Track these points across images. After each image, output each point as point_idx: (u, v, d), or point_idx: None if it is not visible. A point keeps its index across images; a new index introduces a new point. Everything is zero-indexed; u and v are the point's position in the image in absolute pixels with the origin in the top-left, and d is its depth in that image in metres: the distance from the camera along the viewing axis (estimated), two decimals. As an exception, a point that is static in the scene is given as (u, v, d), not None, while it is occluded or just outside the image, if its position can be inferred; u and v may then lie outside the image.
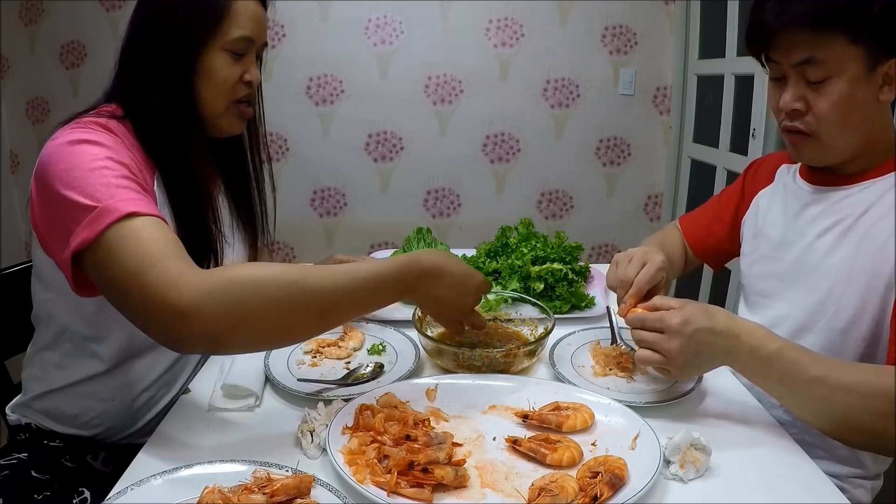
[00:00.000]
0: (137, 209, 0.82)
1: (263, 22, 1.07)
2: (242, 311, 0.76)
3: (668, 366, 0.89)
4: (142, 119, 0.99)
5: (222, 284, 0.75)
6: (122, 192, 0.84)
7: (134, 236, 0.79)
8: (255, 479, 0.73)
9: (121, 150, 0.91)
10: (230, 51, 1.02)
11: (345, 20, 2.85)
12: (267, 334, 0.81)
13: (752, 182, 1.27)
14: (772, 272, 1.14)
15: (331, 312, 0.84)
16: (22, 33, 2.86)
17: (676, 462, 0.79)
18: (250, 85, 1.07)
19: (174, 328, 0.75)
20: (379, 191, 3.03)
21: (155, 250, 0.78)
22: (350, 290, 0.84)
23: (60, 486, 1.00)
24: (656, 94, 2.97)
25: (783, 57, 0.97)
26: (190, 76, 1.01)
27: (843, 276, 1.00)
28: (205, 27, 0.99)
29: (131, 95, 1.01)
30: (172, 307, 0.74)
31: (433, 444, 0.80)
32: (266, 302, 0.77)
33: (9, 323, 1.22)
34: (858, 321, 0.99)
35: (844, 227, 1.02)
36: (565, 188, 3.07)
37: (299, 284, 0.79)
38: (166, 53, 0.99)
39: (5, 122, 2.95)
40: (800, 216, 1.10)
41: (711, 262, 1.40)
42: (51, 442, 1.06)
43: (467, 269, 0.96)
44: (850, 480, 1.06)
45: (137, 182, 0.89)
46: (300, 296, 0.80)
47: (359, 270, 0.85)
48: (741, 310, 1.24)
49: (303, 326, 0.83)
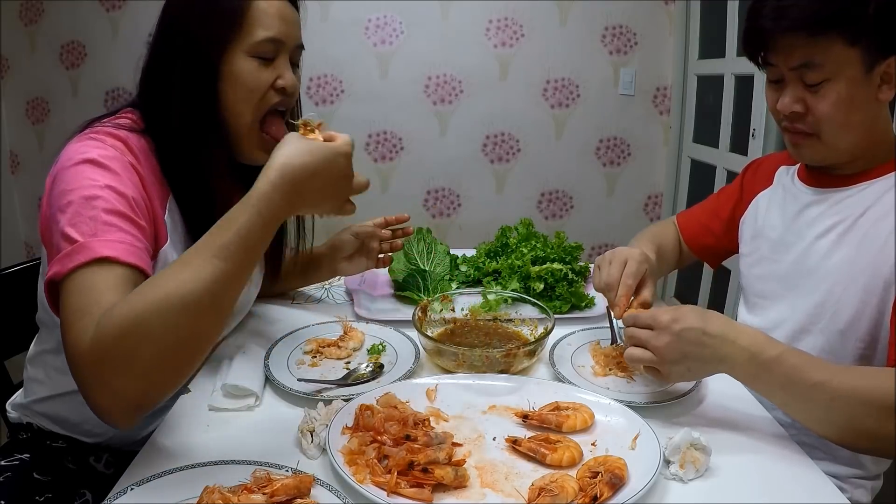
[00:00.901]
0: (114, 254, 0.78)
1: (294, 21, 0.99)
2: (129, 343, 0.70)
3: (657, 364, 0.89)
4: (161, 136, 0.93)
5: (110, 330, 0.70)
6: (107, 230, 0.80)
7: (91, 284, 0.76)
8: (255, 479, 0.73)
9: (127, 174, 0.86)
10: (256, 55, 0.94)
11: (345, 20, 2.85)
12: (171, 350, 0.73)
13: (751, 182, 1.27)
14: (771, 274, 1.14)
15: (223, 294, 0.75)
16: (22, 33, 2.86)
17: (676, 462, 0.79)
18: (284, 92, 0.97)
19: (84, 390, 0.73)
20: (379, 191, 3.03)
21: (89, 302, 0.74)
22: (228, 272, 0.74)
23: (62, 487, 1.00)
24: (656, 94, 2.97)
25: (781, 61, 0.97)
26: (213, 85, 0.93)
27: (842, 278, 1.00)
28: (224, 29, 0.92)
29: (151, 108, 0.95)
30: (78, 370, 0.73)
31: (433, 444, 0.80)
32: (152, 329, 0.70)
33: (9, 323, 1.22)
34: (858, 322, 0.99)
35: (843, 229, 1.02)
36: (565, 188, 3.07)
37: (178, 295, 0.71)
38: (185, 60, 0.92)
39: (5, 122, 2.95)
40: (799, 218, 1.10)
41: (707, 258, 1.40)
42: (53, 443, 1.04)
43: (322, 154, 0.82)
44: (850, 481, 1.06)
45: (133, 217, 0.84)
46: (184, 308, 0.71)
47: (225, 244, 0.74)
48: (741, 311, 1.24)
49: (206, 327, 0.76)
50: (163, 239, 0.93)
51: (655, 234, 1.36)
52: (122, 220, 0.82)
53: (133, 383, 0.72)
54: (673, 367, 0.88)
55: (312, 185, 0.81)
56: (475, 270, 1.45)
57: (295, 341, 1.13)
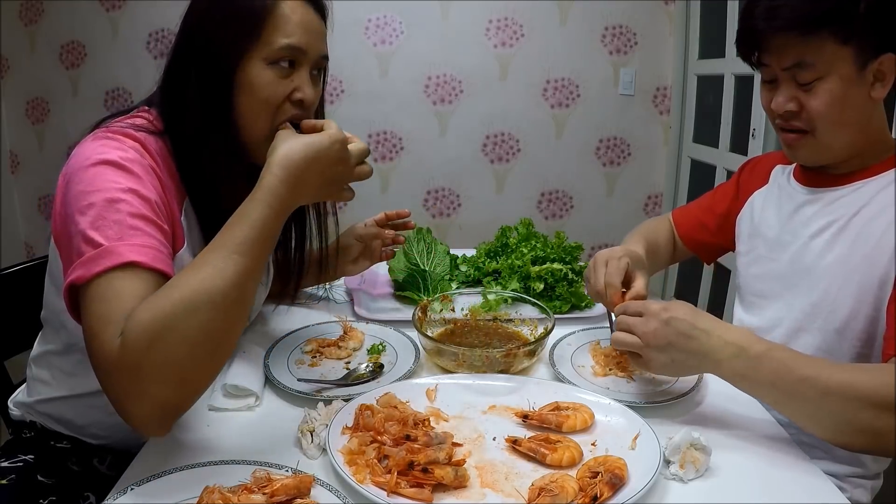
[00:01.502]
0: (141, 259, 0.77)
1: (318, 31, 0.95)
2: (163, 346, 0.70)
3: (640, 349, 0.89)
4: (178, 138, 0.92)
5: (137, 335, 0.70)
6: (133, 234, 0.79)
7: (117, 290, 0.75)
8: (255, 479, 0.73)
9: (149, 177, 0.85)
10: (275, 63, 0.90)
11: (345, 20, 2.81)
12: (205, 349, 0.74)
13: (747, 180, 1.27)
14: (768, 273, 1.14)
15: (245, 287, 0.77)
16: (22, 33, 2.86)
17: (676, 462, 0.79)
18: (301, 105, 0.93)
19: (118, 401, 0.73)
20: (379, 191, 3.03)
21: (116, 310, 0.73)
22: (248, 266, 0.77)
23: (66, 490, 0.99)
24: (656, 94, 2.97)
25: (774, 61, 0.98)
26: (228, 92, 0.90)
27: (837, 277, 1.00)
28: (242, 33, 0.89)
29: (170, 109, 0.93)
30: (109, 380, 0.73)
31: (433, 444, 0.80)
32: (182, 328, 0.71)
33: (9, 323, 1.22)
34: (854, 321, 0.99)
35: (838, 228, 1.02)
36: (565, 188, 3.07)
37: (205, 292, 0.73)
38: (201, 64, 0.90)
39: (5, 122, 2.95)
40: (794, 217, 1.10)
41: (700, 253, 1.41)
42: (57, 443, 1.03)
43: (318, 144, 0.83)
44: (850, 480, 1.06)
45: (157, 221, 0.83)
46: (212, 305, 0.73)
47: (242, 240, 0.77)
48: (736, 310, 1.24)
49: (233, 321, 0.78)
50: (180, 242, 0.92)
51: (648, 231, 1.38)
52: (148, 223, 0.81)
53: (171, 388, 0.73)
54: (656, 353, 0.88)
55: (313, 173, 0.83)
56: (475, 270, 1.45)
57: (295, 341, 1.13)
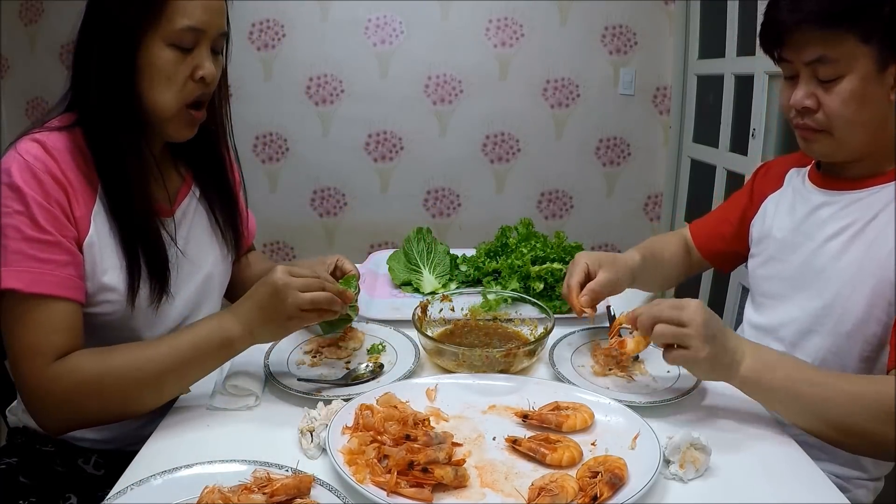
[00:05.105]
0: (20, 286, 0.85)
1: (218, 9, 0.95)
2: (79, 408, 0.89)
3: (688, 340, 0.86)
4: (88, 124, 0.92)
5: (59, 392, 0.87)
6: (17, 259, 0.85)
7: (42, 321, 0.86)
8: (255, 479, 0.73)
9: (45, 188, 0.87)
10: (175, 44, 0.91)
11: (345, 20, 2.85)
12: (113, 409, 0.91)
13: (761, 185, 1.26)
14: (778, 274, 1.14)
15: (168, 381, 0.92)
16: (22, 33, 2.86)
17: (676, 462, 0.79)
18: (203, 82, 0.94)
19: (33, 411, 0.91)
20: (379, 191, 3.03)
21: (41, 343, 0.86)
22: (176, 365, 0.91)
23: (47, 491, 0.99)
24: (656, 94, 2.97)
25: (795, 55, 0.98)
26: (130, 73, 0.91)
27: (850, 280, 1.00)
28: (141, 15, 0.89)
29: (77, 96, 0.94)
30: (30, 404, 0.90)
31: (433, 444, 0.80)
32: (102, 398, 0.89)
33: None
34: (864, 325, 0.99)
35: (854, 231, 1.01)
36: (565, 188, 3.07)
37: (135, 368, 0.89)
38: (102, 46, 0.90)
39: (5, 122, 2.95)
40: (808, 219, 1.10)
41: (718, 263, 1.38)
42: (43, 447, 1.03)
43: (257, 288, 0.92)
44: (851, 481, 1.06)
45: (50, 238, 0.86)
46: (135, 382, 0.89)
47: (182, 342, 0.91)
48: (747, 310, 1.24)
49: (147, 400, 0.92)
50: (84, 233, 0.91)
51: (652, 242, 1.36)
52: (37, 245, 0.86)
53: (71, 421, 0.92)
54: (704, 344, 0.86)
55: (257, 312, 0.92)
56: (475, 270, 1.45)
57: (295, 341, 1.13)
